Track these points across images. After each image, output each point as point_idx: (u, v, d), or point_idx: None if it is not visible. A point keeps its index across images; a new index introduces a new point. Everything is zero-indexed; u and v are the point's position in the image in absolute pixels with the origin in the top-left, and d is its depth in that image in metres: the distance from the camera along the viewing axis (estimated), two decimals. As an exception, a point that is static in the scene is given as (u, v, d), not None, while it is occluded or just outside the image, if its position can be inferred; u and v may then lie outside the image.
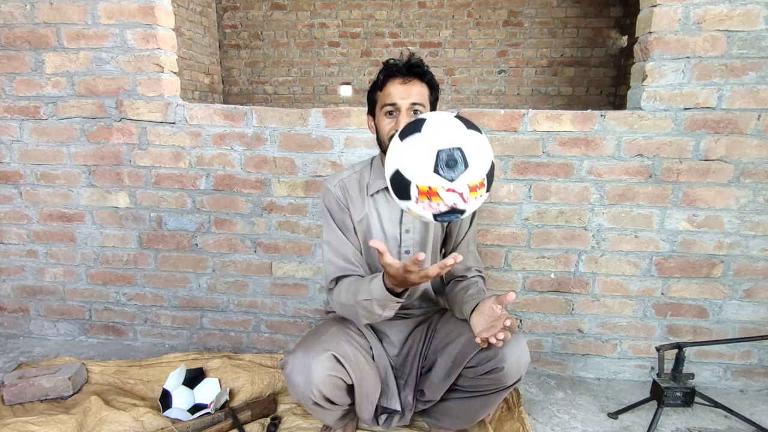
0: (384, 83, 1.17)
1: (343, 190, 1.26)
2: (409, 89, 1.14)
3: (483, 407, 1.25)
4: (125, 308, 1.97)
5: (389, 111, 1.15)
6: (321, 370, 1.09)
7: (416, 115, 1.14)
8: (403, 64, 1.15)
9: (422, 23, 4.35)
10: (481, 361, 1.14)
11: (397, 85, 1.14)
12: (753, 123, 1.51)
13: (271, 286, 1.87)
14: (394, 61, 1.17)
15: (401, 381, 1.34)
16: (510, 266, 1.73)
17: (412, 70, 1.15)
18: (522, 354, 1.12)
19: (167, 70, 1.73)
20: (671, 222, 1.62)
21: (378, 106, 1.19)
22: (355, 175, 1.29)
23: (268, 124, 1.70)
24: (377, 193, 1.25)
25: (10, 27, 1.72)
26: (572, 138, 1.58)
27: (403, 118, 1.13)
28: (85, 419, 1.40)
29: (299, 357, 1.12)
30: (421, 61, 1.17)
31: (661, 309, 1.70)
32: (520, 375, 1.14)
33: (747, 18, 1.44)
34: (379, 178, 1.24)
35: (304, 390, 1.10)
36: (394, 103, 1.14)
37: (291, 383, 1.12)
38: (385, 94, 1.16)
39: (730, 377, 1.74)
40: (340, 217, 1.27)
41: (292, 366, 1.12)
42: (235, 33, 4.61)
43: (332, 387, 1.13)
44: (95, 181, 1.84)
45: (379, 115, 1.19)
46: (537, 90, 4.37)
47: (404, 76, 1.14)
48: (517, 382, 1.15)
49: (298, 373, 1.10)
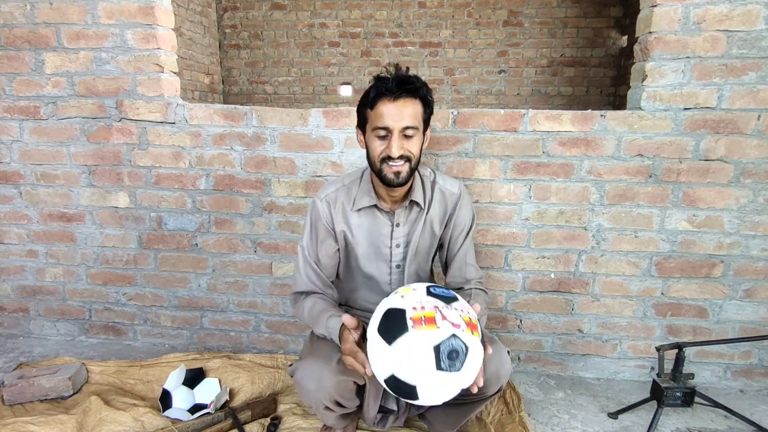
0: (374, 102, 1.10)
1: (329, 205, 1.26)
2: (401, 110, 1.08)
3: (470, 412, 1.27)
4: (125, 308, 1.97)
5: (381, 134, 1.11)
6: (333, 376, 1.10)
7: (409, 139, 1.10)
8: (393, 80, 1.08)
9: (422, 23, 4.35)
10: None
11: (388, 105, 1.08)
12: (753, 123, 1.51)
13: (271, 286, 1.87)
14: (385, 76, 1.10)
15: None
16: (510, 266, 1.73)
17: (404, 87, 1.08)
18: (502, 365, 1.12)
19: (167, 70, 1.73)
20: (671, 222, 1.62)
21: (369, 126, 1.14)
22: (344, 189, 1.27)
23: (268, 124, 1.70)
24: (364, 209, 1.25)
25: (10, 27, 1.72)
26: (572, 138, 1.58)
27: (396, 141, 1.09)
28: (85, 419, 1.40)
29: (310, 363, 1.13)
30: (413, 76, 1.11)
31: (661, 309, 1.70)
32: (501, 385, 1.14)
33: (747, 18, 1.44)
34: (365, 194, 1.24)
35: (317, 396, 1.10)
36: (386, 127, 1.09)
37: (303, 389, 1.13)
38: (376, 114, 1.10)
39: (730, 377, 1.74)
40: (318, 229, 1.27)
41: (303, 372, 1.12)
42: (235, 33, 4.61)
43: (344, 391, 1.13)
44: (95, 181, 1.84)
45: (370, 134, 1.14)
46: (537, 90, 4.37)
47: (395, 95, 1.08)
48: (499, 392, 1.16)
49: (309, 379, 1.11)
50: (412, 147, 1.12)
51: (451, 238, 1.31)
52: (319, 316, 1.17)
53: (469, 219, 1.31)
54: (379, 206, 1.24)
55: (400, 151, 1.09)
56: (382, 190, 1.21)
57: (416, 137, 1.12)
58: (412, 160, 1.12)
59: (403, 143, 1.10)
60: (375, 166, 1.15)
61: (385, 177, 1.13)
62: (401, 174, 1.12)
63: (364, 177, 1.27)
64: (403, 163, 1.11)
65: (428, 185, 1.28)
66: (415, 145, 1.13)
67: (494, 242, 1.71)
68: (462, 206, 1.30)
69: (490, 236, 1.70)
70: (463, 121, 1.61)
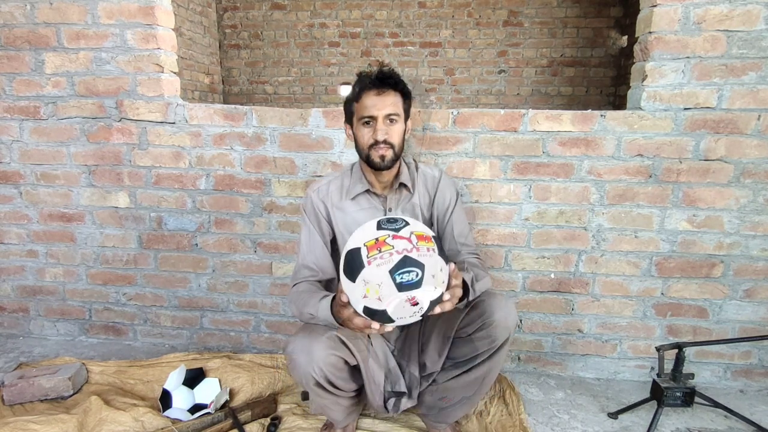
0: (359, 95, 1.23)
1: (322, 195, 1.35)
2: (383, 100, 1.21)
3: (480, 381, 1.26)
4: (125, 308, 1.97)
5: (367, 122, 1.24)
6: (323, 349, 1.12)
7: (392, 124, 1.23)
8: (375, 75, 1.22)
9: (422, 23, 4.35)
10: (471, 320, 1.21)
11: (372, 97, 1.22)
12: (753, 123, 1.51)
13: (271, 286, 1.87)
14: (368, 73, 1.24)
15: (403, 362, 1.37)
16: (510, 266, 1.73)
17: (385, 81, 1.22)
18: (510, 312, 1.19)
19: (167, 70, 1.73)
20: (671, 222, 1.62)
21: (355, 117, 1.27)
22: (336, 181, 1.37)
23: (268, 124, 1.70)
24: (358, 196, 1.33)
25: (10, 27, 1.72)
26: (572, 138, 1.58)
27: (380, 126, 1.22)
28: (85, 419, 1.40)
29: (301, 338, 1.15)
30: (392, 72, 1.25)
31: (661, 309, 1.70)
32: (509, 332, 1.19)
33: (747, 18, 1.44)
34: (358, 182, 1.34)
35: (306, 369, 1.12)
36: (371, 115, 1.22)
37: (293, 363, 1.15)
38: (361, 106, 1.23)
39: (730, 377, 1.74)
40: (314, 220, 1.35)
41: (294, 346, 1.15)
42: (235, 33, 4.61)
43: (333, 367, 1.15)
44: (95, 181, 1.84)
45: (357, 125, 1.27)
46: (537, 90, 4.36)
47: (378, 88, 1.21)
48: (507, 342, 1.20)
49: (300, 352, 1.13)
50: (394, 133, 1.24)
51: (438, 218, 1.39)
52: (309, 299, 1.19)
53: (449, 197, 1.39)
54: (371, 190, 1.33)
55: (384, 136, 1.22)
56: (371, 176, 1.32)
57: (398, 124, 1.25)
58: (395, 147, 1.24)
59: (387, 128, 1.23)
60: (363, 153, 1.27)
61: (373, 161, 1.25)
62: (386, 157, 1.24)
63: (354, 168, 1.37)
64: (388, 148, 1.23)
65: (413, 171, 1.39)
66: (397, 132, 1.25)
67: (494, 242, 1.71)
68: (442, 186, 1.39)
69: (490, 236, 1.70)
70: (463, 121, 1.61)
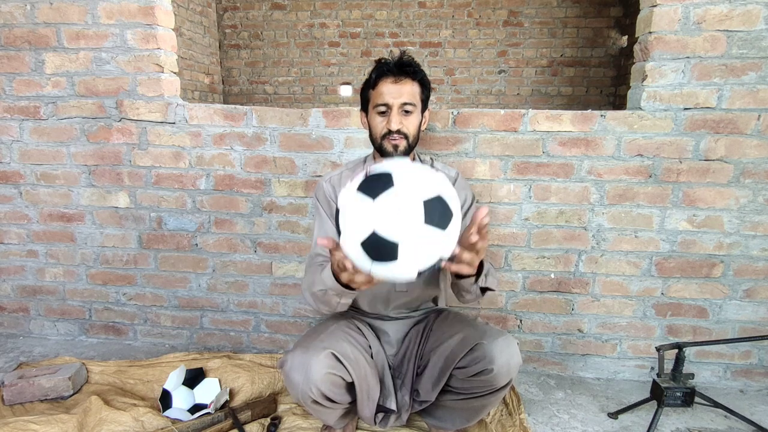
0: (376, 82, 1.19)
1: (334, 183, 1.32)
2: (400, 88, 1.17)
3: (480, 409, 1.25)
4: (125, 308, 1.97)
5: (381, 110, 1.19)
6: (320, 368, 1.09)
7: (408, 114, 1.18)
8: (394, 63, 1.17)
9: (422, 23, 4.35)
10: (471, 362, 1.14)
11: (388, 85, 1.17)
12: (753, 123, 1.51)
13: (271, 286, 1.87)
14: (386, 60, 1.19)
15: (398, 381, 1.34)
16: (510, 266, 1.73)
17: (404, 69, 1.17)
18: (512, 356, 1.12)
19: (167, 70, 1.73)
20: (671, 222, 1.62)
21: (370, 105, 1.22)
22: (348, 172, 1.33)
23: (268, 124, 1.70)
24: None
25: (10, 27, 1.72)
26: (572, 138, 1.58)
27: (395, 116, 1.17)
28: (85, 419, 1.40)
29: (298, 355, 1.12)
30: (412, 60, 1.19)
31: (661, 309, 1.70)
32: (511, 377, 1.13)
33: (747, 18, 1.44)
34: None
35: (303, 388, 1.10)
36: (386, 103, 1.17)
37: (290, 381, 1.12)
38: (377, 93, 1.19)
39: (730, 377, 1.74)
40: (326, 207, 1.32)
41: (291, 364, 1.12)
42: (235, 33, 4.61)
43: (331, 385, 1.13)
44: (95, 181, 1.84)
45: (371, 113, 1.22)
46: (537, 90, 4.37)
47: (396, 76, 1.17)
48: (509, 384, 1.15)
49: (296, 371, 1.10)
50: (410, 123, 1.19)
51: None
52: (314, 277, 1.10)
53: (464, 197, 1.31)
54: None
55: (398, 126, 1.17)
56: None
57: (414, 114, 1.20)
58: (409, 138, 1.20)
59: (402, 119, 1.18)
60: (376, 142, 1.23)
61: (386, 150, 1.20)
62: (399, 147, 1.19)
63: (368, 160, 1.34)
64: (401, 138, 1.19)
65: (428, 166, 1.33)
66: (413, 123, 1.21)
67: (494, 242, 1.71)
68: (458, 187, 1.31)
69: (490, 236, 1.70)
70: (463, 121, 1.61)
